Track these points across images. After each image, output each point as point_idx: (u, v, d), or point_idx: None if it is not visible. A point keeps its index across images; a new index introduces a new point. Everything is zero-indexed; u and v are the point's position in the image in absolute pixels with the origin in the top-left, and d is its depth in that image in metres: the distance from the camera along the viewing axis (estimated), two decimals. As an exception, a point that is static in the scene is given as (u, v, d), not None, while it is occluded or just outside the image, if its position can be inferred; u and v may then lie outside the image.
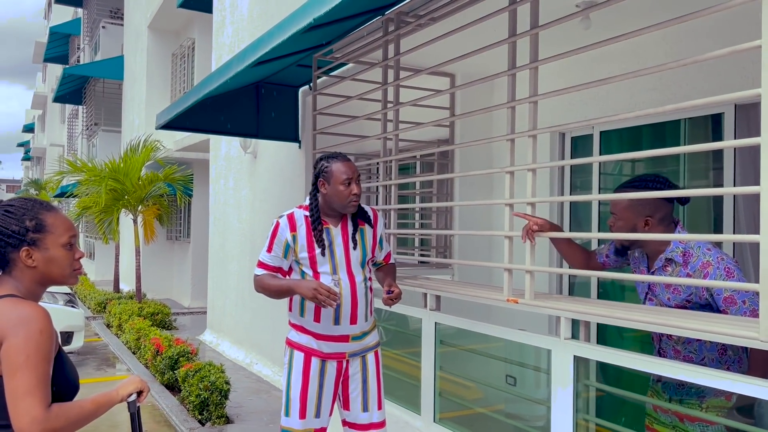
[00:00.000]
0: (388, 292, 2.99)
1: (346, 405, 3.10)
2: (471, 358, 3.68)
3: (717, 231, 3.79)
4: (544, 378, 2.99)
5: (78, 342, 7.99)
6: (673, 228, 2.67)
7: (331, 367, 3.02)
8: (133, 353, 8.27)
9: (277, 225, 3.01)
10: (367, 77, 4.54)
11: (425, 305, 3.72)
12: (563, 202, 4.80)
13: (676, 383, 2.60)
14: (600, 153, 4.45)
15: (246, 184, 7.92)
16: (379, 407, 3.11)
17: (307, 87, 5.75)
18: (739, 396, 2.33)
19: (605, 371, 2.93)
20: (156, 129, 5.89)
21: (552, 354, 2.82)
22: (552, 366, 2.82)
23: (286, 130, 6.12)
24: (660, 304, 2.70)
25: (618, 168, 4.57)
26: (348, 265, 3.00)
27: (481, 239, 5.21)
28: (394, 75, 4.08)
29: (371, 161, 4.75)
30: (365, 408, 3.08)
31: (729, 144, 3.10)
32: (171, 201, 13.54)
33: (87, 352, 8.68)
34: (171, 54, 14.64)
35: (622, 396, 2.90)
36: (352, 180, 2.94)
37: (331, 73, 5.08)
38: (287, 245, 2.98)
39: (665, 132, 4.16)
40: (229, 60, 4.22)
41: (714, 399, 2.51)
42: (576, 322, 2.76)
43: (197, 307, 12.34)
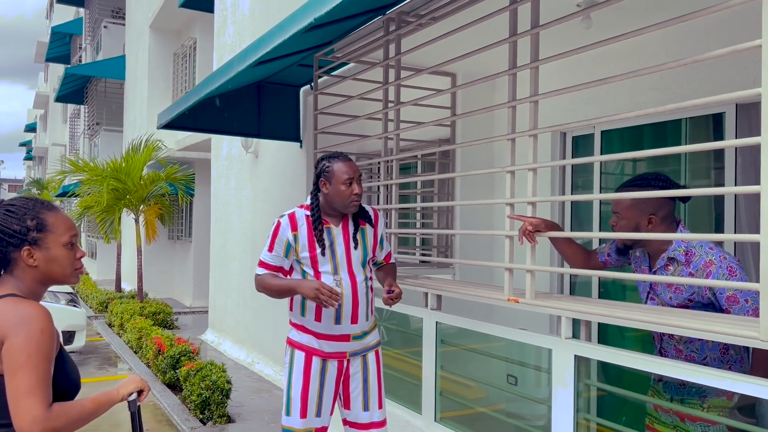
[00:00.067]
0: (388, 291, 3.00)
1: (346, 404, 3.10)
2: (472, 357, 3.68)
3: (718, 230, 3.79)
4: (545, 377, 2.99)
5: (80, 341, 8.01)
6: (675, 227, 2.66)
7: (332, 367, 3.02)
8: (135, 352, 8.28)
9: (279, 224, 3.01)
10: (368, 77, 4.54)
11: (426, 305, 3.72)
12: (564, 201, 4.80)
13: (677, 383, 2.60)
14: (601, 152, 4.44)
15: (247, 183, 7.93)
16: (380, 406, 3.12)
17: (309, 86, 5.76)
18: (741, 396, 2.33)
19: (606, 371, 2.93)
20: (157, 128, 5.90)
21: (553, 353, 2.82)
22: (553, 365, 2.82)
23: (287, 129, 6.13)
24: (662, 303, 2.70)
25: (619, 167, 4.57)
26: (349, 265, 3.00)
27: (483, 239, 5.21)
28: (395, 74, 4.08)
29: (372, 161, 4.75)
30: (366, 407, 3.08)
31: (729, 143, 3.10)
32: (173, 200, 13.56)
33: (89, 351, 8.69)
34: (173, 54, 14.65)
35: (623, 396, 2.90)
36: (353, 180, 2.94)
37: (332, 73, 5.08)
38: (288, 245, 2.99)
39: (666, 131, 4.16)
40: (231, 60, 4.22)
41: (715, 399, 2.50)
42: (577, 321, 2.76)
43: (199, 307, 12.35)
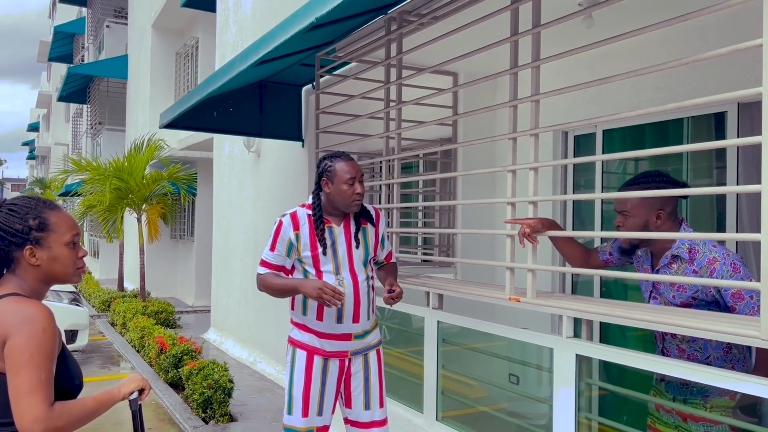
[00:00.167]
0: (389, 291, 3.00)
1: (348, 403, 3.10)
2: (473, 356, 3.68)
3: (720, 230, 3.78)
4: (546, 377, 2.99)
5: (82, 340, 8.03)
6: (679, 225, 2.67)
7: (334, 366, 3.03)
8: (137, 351, 8.30)
9: (280, 224, 3.01)
10: (370, 76, 4.54)
11: (428, 304, 3.73)
12: (566, 201, 4.80)
13: (679, 383, 2.59)
14: (603, 152, 4.44)
15: (249, 182, 7.93)
16: (381, 405, 3.12)
17: (310, 86, 5.76)
18: (742, 395, 2.32)
19: (608, 370, 2.93)
20: (160, 128, 5.91)
21: (554, 353, 2.82)
22: (554, 365, 2.82)
23: (289, 129, 6.13)
24: (665, 302, 2.69)
25: (621, 167, 4.56)
26: (350, 264, 3.00)
27: (484, 238, 5.20)
28: (396, 74, 4.08)
29: (374, 160, 4.75)
30: (367, 406, 3.08)
31: (730, 143, 3.09)
32: (175, 200, 13.57)
33: (91, 350, 8.71)
34: (175, 53, 14.67)
35: (624, 395, 2.90)
36: (355, 179, 2.94)
37: (334, 72, 5.08)
38: (290, 244, 2.99)
39: (668, 131, 4.15)
40: (232, 59, 4.23)
41: (718, 399, 2.49)
42: (578, 320, 2.76)
43: (201, 306, 12.36)
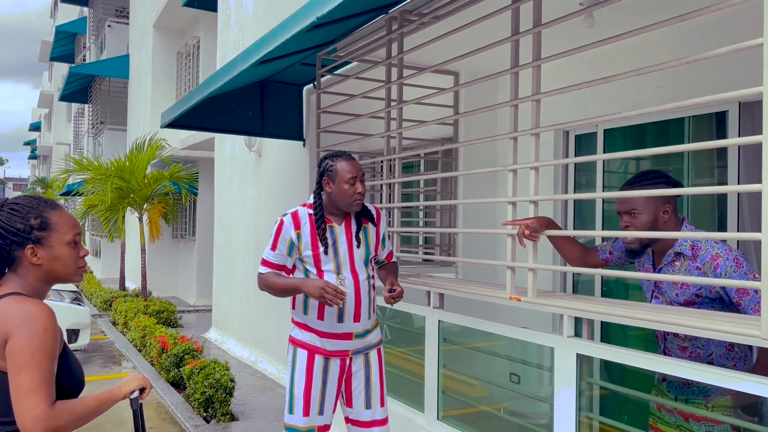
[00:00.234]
0: (390, 290, 3.00)
1: (349, 402, 3.11)
2: (474, 356, 3.68)
3: (721, 229, 3.78)
4: (547, 376, 2.99)
5: (84, 340, 8.04)
6: (681, 222, 2.67)
7: (335, 365, 3.03)
8: (139, 351, 8.31)
9: (282, 223, 3.02)
10: (371, 75, 4.54)
11: (429, 303, 3.73)
12: (567, 200, 4.79)
13: (681, 382, 2.59)
14: (604, 151, 4.44)
15: (251, 182, 7.94)
16: (382, 404, 3.12)
17: (312, 85, 5.76)
18: (743, 394, 2.32)
19: (609, 370, 2.93)
20: (161, 127, 5.92)
21: (555, 352, 2.82)
22: (555, 364, 2.82)
23: (290, 128, 6.14)
24: (667, 301, 2.68)
25: (622, 166, 4.56)
26: (351, 264, 3.00)
27: (485, 237, 5.21)
28: (397, 73, 4.08)
29: (375, 159, 4.76)
30: (368, 405, 3.09)
31: (731, 142, 3.08)
32: (176, 199, 13.58)
33: (93, 349, 8.72)
34: (176, 53, 14.68)
35: (625, 394, 2.90)
36: (356, 179, 2.94)
37: (335, 72, 5.09)
38: (291, 243, 2.99)
39: (669, 130, 4.15)
40: (234, 59, 4.23)
41: (720, 398, 2.49)
42: (579, 320, 2.76)
43: (202, 305, 12.37)
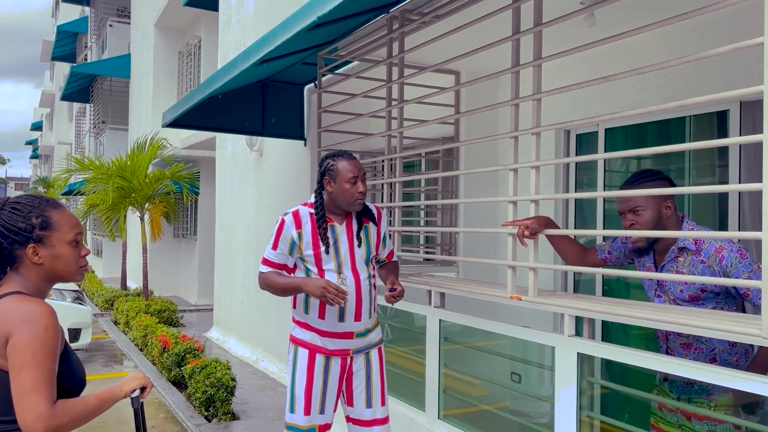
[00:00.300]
0: (390, 289, 3.00)
1: (349, 401, 3.11)
2: (475, 355, 3.68)
3: (722, 228, 3.78)
4: (548, 375, 2.99)
5: (85, 339, 8.05)
6: (681, 219, 2.68)
7: (336, 364, 3.03)
8: (140, 350, 8.32)
9: (283, 222, 3.02)
10: (372, 75, 4.54)
11: (430, 302, 3.73)
12: (568, 199, 4.79)
13: (683, 381, 2.59)
14: (605, 150, 4.44)
15: (252, 181, 7.94)
16: (383, 403, 3.13)
17: (313, 85, 5.77)
18: (743, 393, 2.32)
19: (610, 369, 2.93)
20: (162, 127, 5.92)
21: (556, 351, 2.82)
22: (556, 363, 2.82)
23: (291, 127, 6.14)
24: (671, 298, 2.67)
25: (624, 165, 4.56)
26: (353, 263, 3.01)
27: (486, 236, 5.21)
28: (398, 72, 4.08)
29: (376, 159, 4.76)
30: (369, 404, 3.09)
31: (731, 141, 3.09)
32: (178, 199, 13.58)
33: (94, 349, 8.73)
34: (177, 52, 14.69)
35: (626, 393, 2.90)
36: (358, 178, 2.95)
37: (336, 71, 5.09)
38: (293, 242, 2.99)
39: (670, 129, 4.15)
40: (235, 58, 4.24)
41: (722, 397, 2.50)
42: (580, 319, 2.76)
43: (204, 305, 12.38)
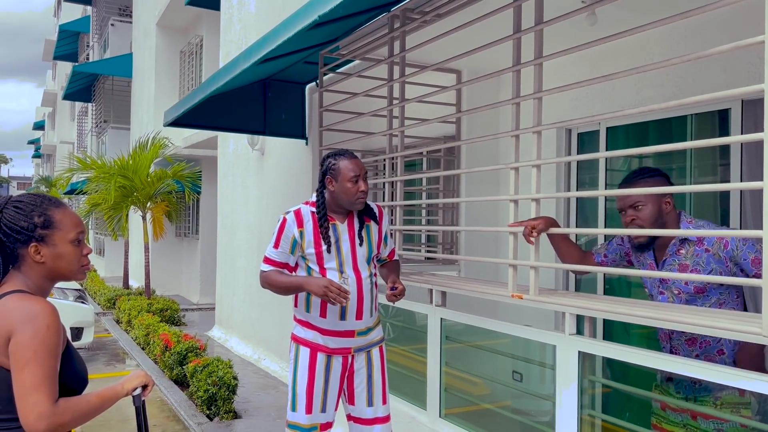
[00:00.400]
0: (391, 288, 3.01)
1: (351, 400, 3.11)
2: (477, 354, 3.69)
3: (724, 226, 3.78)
4: (549, 374, 3.00)
5: (88, 338, 8.06)
6: (679, 214, 2.70)
7: (337, 363, 3.04)
8: (143, 349, 8.33)
9: (284, 221, 3.02)
10: (373, 74, 4.54)
11: (431, 301, 3.73)
12: (569, 198, 4.79)
13: (690, 380, 2.59)
14: (606, 149, 4.43)
15: (253, 180, 7.95)
16: (384, 402, 3.13)
17: (314, 84, 5.77)
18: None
19: (612, 368, 2.93)
20: (164, 126, 5.93)
21: (557, 350, 2.82)
22: (557, 362, 2.82)
23: (293, 127, 6.14)
24: (675, 293, 2.67)
25: (625, 164, 4.56)
26: (354, 262, 3.01)
27: (488, 235, 5.21)
28: (399, 71, 4.09)
29: (377, 158, 4.76)
30: (370, 403, 3.09)
31: (732, 140, 3.09)
32: (179, 198, 13.60)
33: (97, 347, 8.75)
34: (179, 51, 14.69)
35: (627, 392, 2.90)
36: (359, 177, 2.95)
37: (338, 70, 5.09)
38: (294, 241, 2.99)
39: (672, 128, 4.15)
40: (236, 57, 4.24)
41: (728, 395, 2.50)
42: (581, 318, 2.76)
43: (206, 304, 12.39)
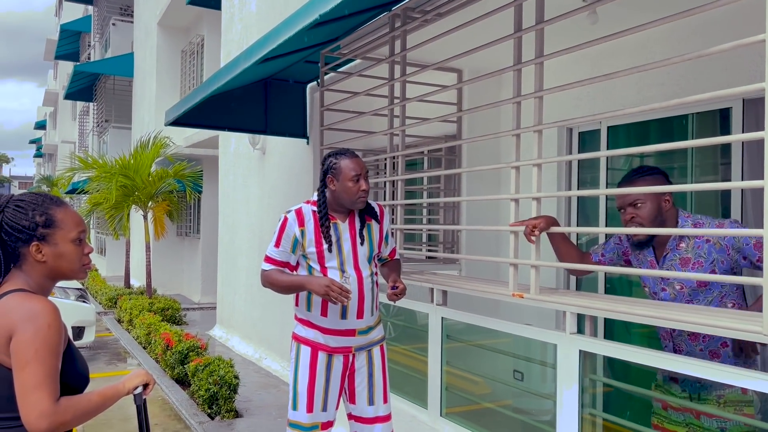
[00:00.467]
0: (392, 287, 3.01)
1: (352, 398, 3.11)
2: (478, 353, 3.69)
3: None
4: (550, 373, 3.00)
5: (89, 337, 8.07)
6: (677, 211, 2.72)
7: (338, 362, 3.04)
8: (144, 348, 8.34)
9: (285, 220, 3.02)
10: (374, 73, 4.54)
11: (432, 300, 3.73)
12: (570, 197, 4.79)
13: (694, 377, 2.59)
14: (607, 148, 4.43)
15: (254, 180, 7.95)
16: (385, 401, 3.13)
17: (315, 83, 5.77)
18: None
19: (613, 367, 2.93)
20: (165, 125, 5.94)
21: (558, 349, 2.82)
22: (558, 361, 2.82)
23: (294, 126, 6.15)
24: (677, 288, 2.67)
25: (627, 163, 4.55)
26: (355, 261, 3.01)
27: (489, 234, 5.21)
28: (400, 70, 4.09)
29: (379, 157, 4.76)
30: (371, 401, 3.09)
31: (733, 138, 3.09)
32: (181, 197, 13.61)
33: (98, 347, 8.76)
34: (180, 51, 14.70)
35: (628, 391, 2.90)
36: (360, 176, 2.95)
37: (339, 70, 5.09)
38: (295, 240, 3.00)
39: (673, 127, 4.14)
40: (237, 56, 4.24)
41: (731, 393, 2.51)
42: (582, 316, 2.76)
43: (207, 303, 12.40)
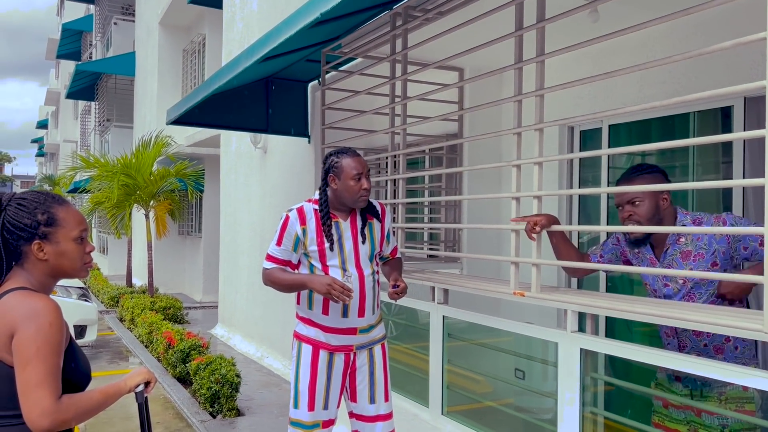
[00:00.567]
0: (394, 286, 3.01)
1: (353, 397, 3.12)
2: (479, 351, 3.69)
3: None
4: (552, 371, 3.00)
5: (91, 336, 8.08)
6: (675, 209, 2.73)
7: (339, 360, 3.04)
8: (146, 347, 8.35)
9: (287, 218, 3.02)
10: (376, 72, 4.55)
11: (433, 299, 3.74)
12: (572, 195, 4.79)
13: (696, 376, 2.59)
14: (609, 146, 4.43)
15: (256, 179, 7.96)
16: (386, 399, 3.13)
17: (316, 82, 5.77)
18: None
19: (614, 365, 2.93)
20: (167, 124, 5.94)
21: (559, 347, 2.83)
22: (559, 359, 2.82)
23: (295, 125, 6.15)
24: (680, 282, 2.67)
25: (628, 162, 4.55)
26: (357, 259, 3.01)
27: (490, 233, 5.21)
28: (402, 69, 4.09)
29: (380, 156, 4.76)
30: (372, 400, 3.10)
31: (734, 136, 3.09)
32: (182, 196, 13.62)
33: (100, 345, 8.78)
34: (182, 50, 14.70)
35: (630, 389, 2.90)
36: (362, 175, 2.95)
37: (340, 68, 5.10)
38: (297, 238, 3.00)
39: (674, 125, 4.14)
40: (238, 55, 4.25)
41: (732, 390, 2.51)
42: (583, 315, 2.76)
43: (209, 302, 12.42)
